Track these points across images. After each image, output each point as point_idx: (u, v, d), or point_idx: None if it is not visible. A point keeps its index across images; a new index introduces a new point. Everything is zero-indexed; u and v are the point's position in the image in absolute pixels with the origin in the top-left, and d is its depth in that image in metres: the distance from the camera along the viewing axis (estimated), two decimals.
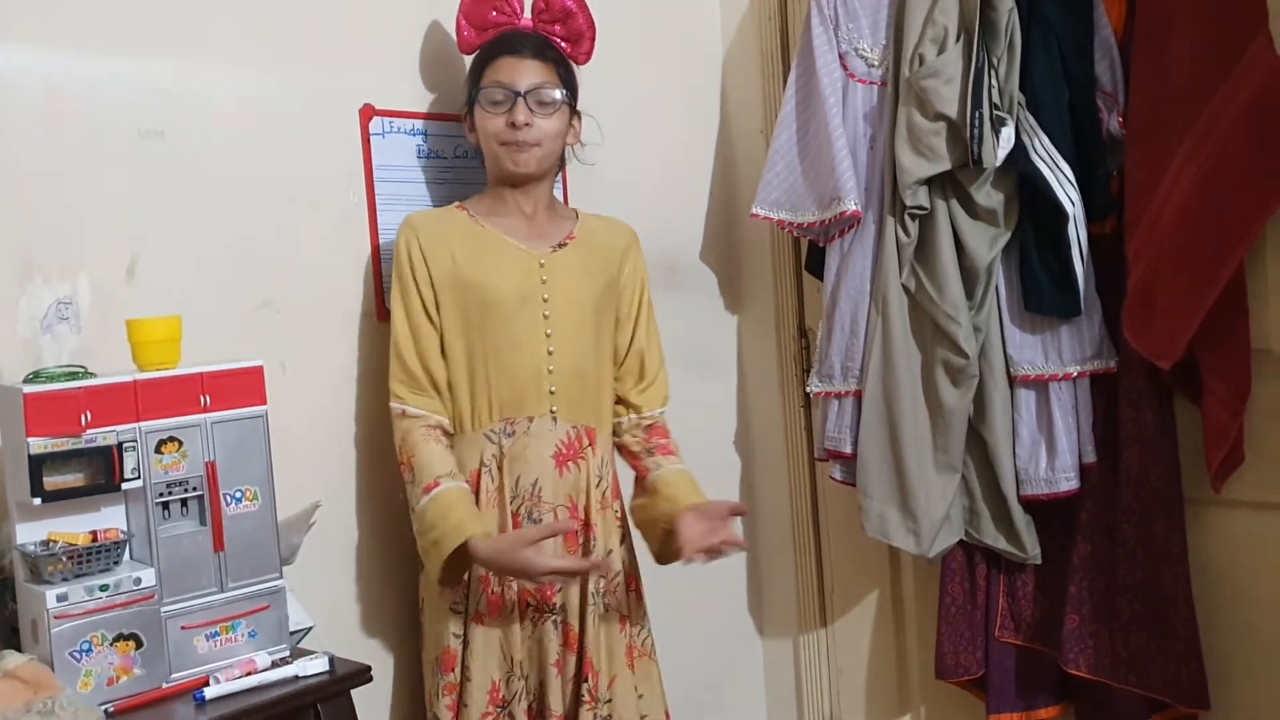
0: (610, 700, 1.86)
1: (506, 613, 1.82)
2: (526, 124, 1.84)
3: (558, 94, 1.87)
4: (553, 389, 1.85)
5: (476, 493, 1.83)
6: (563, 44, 1.95)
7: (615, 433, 1.98)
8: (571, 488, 1.85)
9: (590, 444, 1.89)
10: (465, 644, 1.81)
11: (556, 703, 1.82)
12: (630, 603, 1.93)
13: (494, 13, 1.93)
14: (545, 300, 1.86)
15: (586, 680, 1.82)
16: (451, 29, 2.10)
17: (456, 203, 1.94)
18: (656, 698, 1.94)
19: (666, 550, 1.89)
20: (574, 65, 1.96)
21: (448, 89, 2.09)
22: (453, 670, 1.81)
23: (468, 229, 1.88)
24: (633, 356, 1.98)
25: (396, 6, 2.02)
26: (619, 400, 1.98)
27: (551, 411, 1.85)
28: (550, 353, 1.86)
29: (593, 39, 1.98)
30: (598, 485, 1.89)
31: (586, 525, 1.87)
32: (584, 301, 1.90)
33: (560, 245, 1.91)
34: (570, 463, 1.86)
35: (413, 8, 2.05)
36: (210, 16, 1.77)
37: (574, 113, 1.94)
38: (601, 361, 1.93)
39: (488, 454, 1.83)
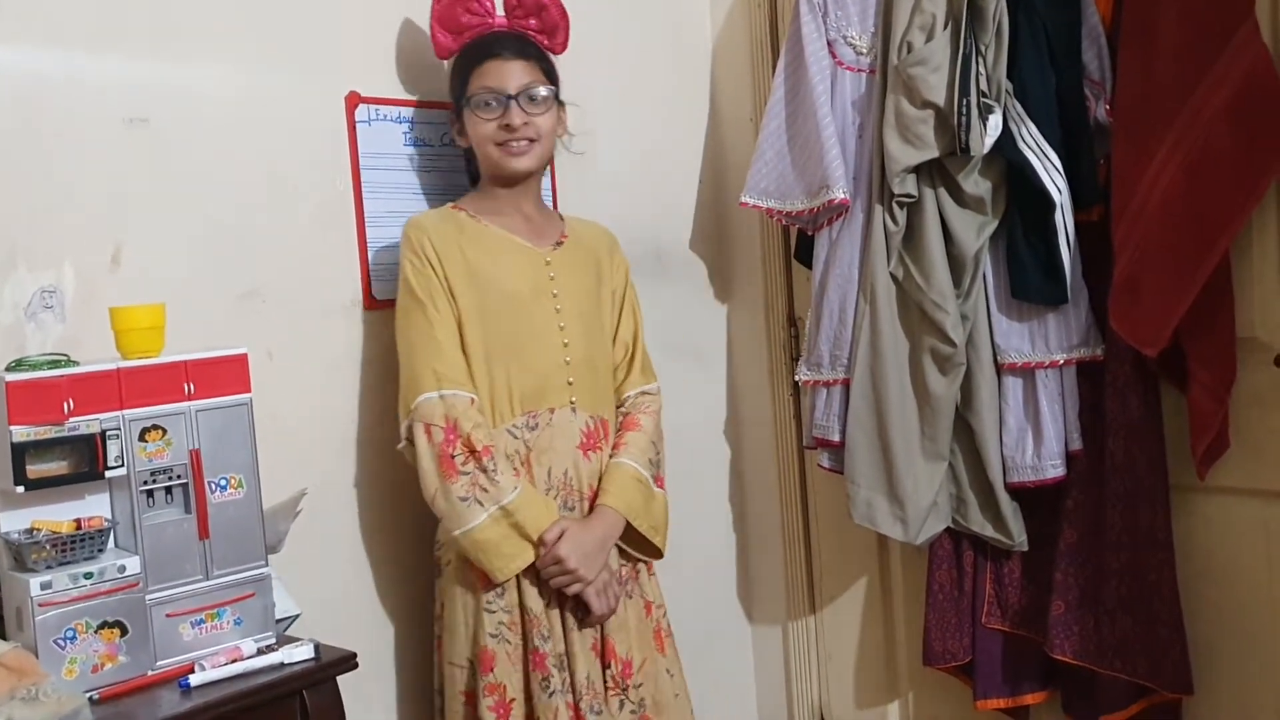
0: (641, 685, 1.88)
1: (546, 606, 1.81)
2: (525, 123, 1.86)
3: (545, 91, 1.90)
4: (571, 380, 1.88)
5: None
6: (539, 36, 1.96)
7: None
8: (594, 475, 1.89)
9: (605, 435, 1.93)
10: (505, 641, 1.79)
11: (599, 682, 1.84)
12: (652, 586, 1.97)
13: (466, 15, 1.92)
14: (555, 295, 1.90)
15: (610, 667, 1.85)
16: None
17: (450, 204, 1.95)
18: (680, 676, 1.97)
19: None
20: (552, 57, 1.97)
21: (434, 76, 2.08)
22: (492, 671, 1.78)
23: (472, 228, 1.90)
24: (619, 345, 2.01)
25: None
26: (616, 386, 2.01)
27: (571, 402, 1.88)
28: (566, 344, 1.89)
29: (567, 28, 1.99)
30: None
31: None
32: (587, 296, 1.95)
33: (558, 244, 1.96)
34: (592, 451, 1.90)
35: None
36: (196, 3, 1.76)
37: (559, 105, 1.95)
38: (606, 354, 1.98)
39: (511, 448, 1.83)
